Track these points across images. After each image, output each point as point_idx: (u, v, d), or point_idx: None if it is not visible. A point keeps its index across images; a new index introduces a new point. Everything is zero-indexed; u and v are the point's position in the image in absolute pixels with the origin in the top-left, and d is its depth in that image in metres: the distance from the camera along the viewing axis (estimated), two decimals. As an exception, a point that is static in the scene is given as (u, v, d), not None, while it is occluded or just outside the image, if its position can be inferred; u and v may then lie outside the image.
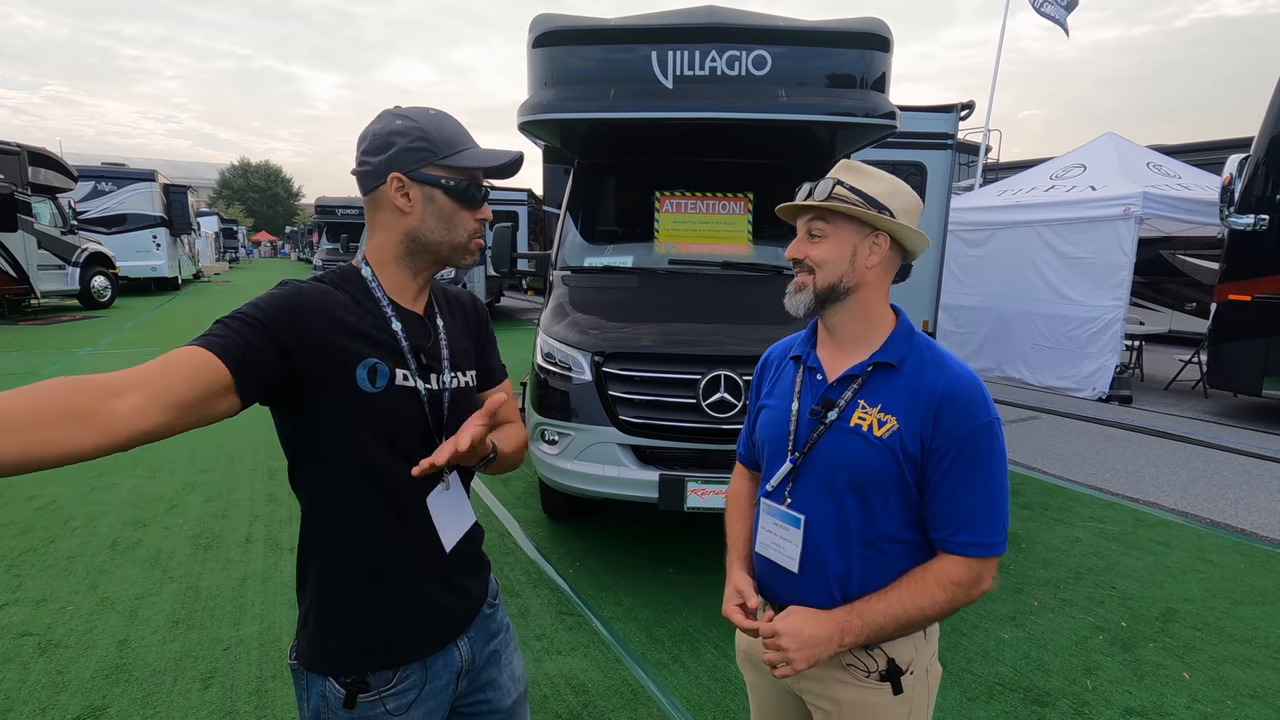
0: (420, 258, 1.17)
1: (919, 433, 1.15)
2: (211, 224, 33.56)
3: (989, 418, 1.15)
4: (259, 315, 1.00)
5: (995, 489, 1.15)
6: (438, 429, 1.18)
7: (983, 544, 1.14)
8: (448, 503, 1.20)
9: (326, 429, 1.09)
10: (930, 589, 1.15)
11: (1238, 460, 5.73)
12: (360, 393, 1.08)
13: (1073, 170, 8.94)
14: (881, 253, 1.21)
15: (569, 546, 3.84)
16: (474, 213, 1.17)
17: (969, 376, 1.18)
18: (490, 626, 1.32)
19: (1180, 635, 3.06)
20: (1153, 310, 11.71)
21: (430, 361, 1.18)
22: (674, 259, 4.19)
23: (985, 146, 13.60)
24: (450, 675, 1.23)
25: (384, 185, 1.11)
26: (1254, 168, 6.70)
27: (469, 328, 1.32)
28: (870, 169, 1.22)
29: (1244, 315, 6.86)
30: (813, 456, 1.23)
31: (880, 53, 3.75)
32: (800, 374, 1.31)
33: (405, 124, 1.11)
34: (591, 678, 2.67)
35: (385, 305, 1.15)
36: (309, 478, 1.14)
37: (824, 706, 1.28)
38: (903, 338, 1.24)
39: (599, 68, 3.78)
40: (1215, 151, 10.50)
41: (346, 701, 1.12)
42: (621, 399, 3.27)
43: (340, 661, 1.13)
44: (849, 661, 1.23)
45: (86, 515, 4.07)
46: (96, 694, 2.50)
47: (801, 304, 1.23)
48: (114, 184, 17.82)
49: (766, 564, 1.31)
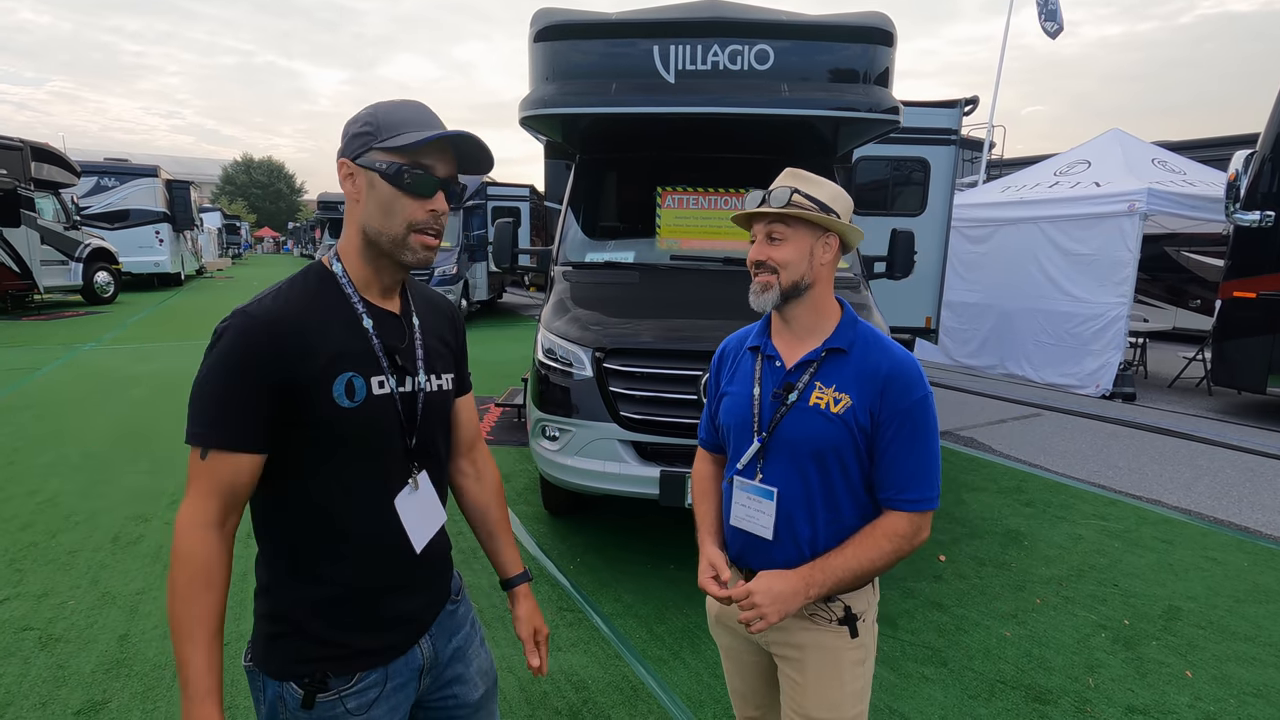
0: (373, 251, 1.11)
1: (869, 407, 1.31)
2: (214, 220, 33.58)
3: (924, 392, 1.32)
4: (238, 371, 1.02)
5: (931, 453, 1.33)
6: (410, 431, 1.16)
7: (921, 499, 1.32)
8: (417, 504, 1.18)
9: (299, 444, 1.07)
10: (879, 542, 1.31)
11: (1242, 458, 5.71)
12: (338, 410, 1.06)
13: (1077, 166, 8.90)
14: (833, 250, 1.37)
15: (569, 543, 3.83)
16: (420, 201, 1.08)
17: (907, 357, 1.35)
18: (452, 623, 1.30)
19: (1183, 633, 3.04)
20: (1157, 307, 11.67)
21: (405, 363, 1.16)
22: (676, 255, 4.17)
23: (989, 143, 13.55)
24: (411, 673, 1.20)
25: (339, 174, 1.10)
26: (1260, 164, 6.65)
27: (446, 333, 1.30)
28: (814, 176, 1.36)
29: (1249, 312, 6.82)
30: (778, 435, 1.37)
31: (883, 47, 3.73)
32: (759, 362, 1.44)
33: (364, 111, 1.09)
34: (592, 674, 2.66)
35: (356, 302, 1.12)
36: (274, 481, 1.10)
37: (790, 654, 1.42)
38: (849, 325, 1.39)
39: (600, 62, 3.76)
40: (1221, 147, 10.44)
41: (305, 702, 1.09)
42: (622, 395, 3.26)
43: (299, 665, 1.10)
44: (812, 612, 1.38)
45: (88, 510, 4.08)
46: (97, 688, 2.50)
47: (769, 302, 1.37)
48: (117, 179, 17.80)
49: (741, 535, 1.44)
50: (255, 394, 1.01)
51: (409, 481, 1.17)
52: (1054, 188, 8.64)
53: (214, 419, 1.02)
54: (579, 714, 2.44)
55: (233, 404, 1.01)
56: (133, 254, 17.29)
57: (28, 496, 4.26)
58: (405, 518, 1.16)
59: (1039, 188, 8.91)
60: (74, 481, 4.52)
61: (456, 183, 1.14)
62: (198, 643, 0.99)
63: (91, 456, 5.01)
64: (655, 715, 2.44)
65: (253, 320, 1.03)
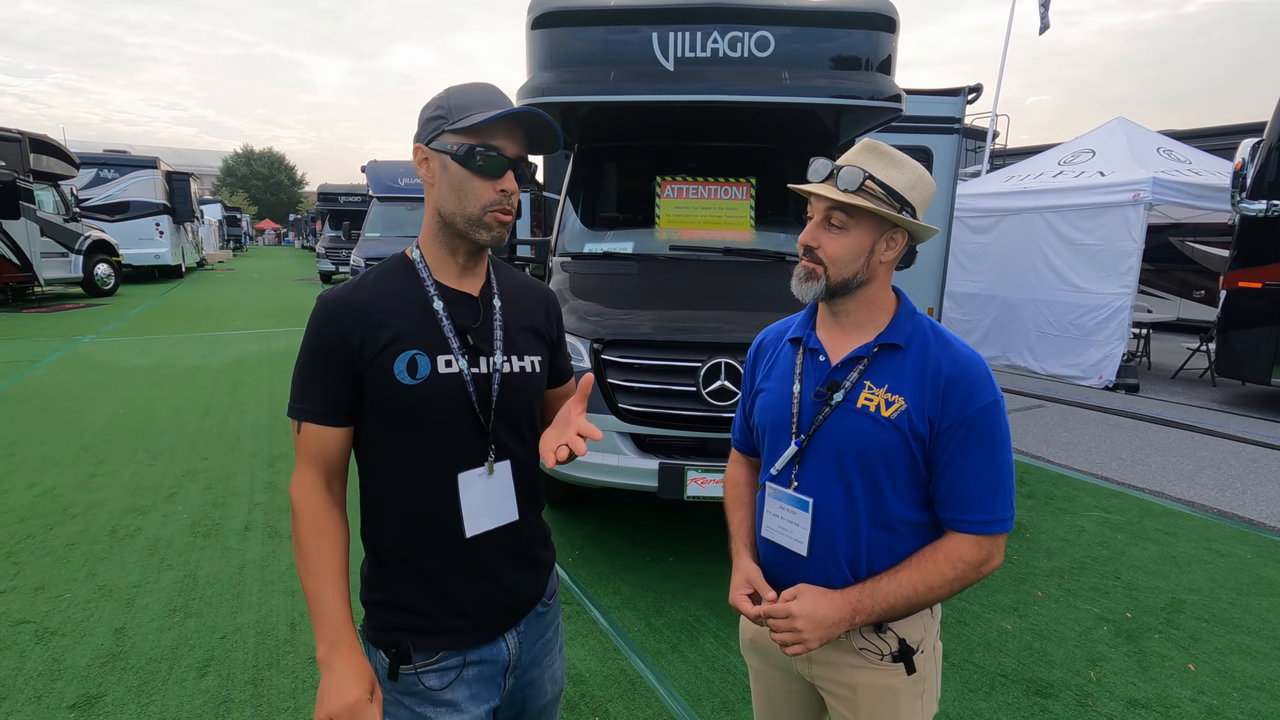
0: (449, 233, 1.14)
1: (928, 413, 1.15)
2: (215, 212, 33.52)
3: (994, 396, 1.15)
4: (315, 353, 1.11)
5: (1002, 466, 1.16)
6: (485, 414, 1.15)
7: (992, 521, 1.15)
8: (485, 488, 1.17)
9: (373, 421, 1.13)
10: (940, 567, 1.16)
11: (1246, 449, 5.67)
12: (399, 387, 1.10)
13: (1081, 156, 8.82)
14: (898, 248, 1.20)
15: (568, 535, 3.81)
16: (490, 181, 1.10)
17: (973, 356, 1.18)
18: (540, 624, 1.29)
19: (1186, 626, 3.02)
20: (1161, 298, 11.60)
21: (479, 343, 1.16)
22: (675, 245, 4.13)
23: (993, 132, 13.44)
24: (496, 667, 1.20)
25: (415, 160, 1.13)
26: (1267, 152, 6.57)
27: (537, 318, 1.28)
28: (896, 154, 1.17)
29: (1254, 302, 6.76)
30: (819, 439, 1.21)
31: (886, 33, 3.67)
32: (800, 355, 1.28)
33: (437, 96, 1.12)
34: (589, 667, 2.65)
35: (429, 285, 1.15)
36: (360, 452, 1.18)
37: (840, 692, 1.27)
38: (906, 318, 1.22)
39: (599, 49, 3.70)
40: (1227, 136, 10.34)
41: (390, 672, 1.14)
42: (621, 387, 3.23)
43: (384, 634, 1.16)
44: (861, 646, 1.23)
45: (86, 503, 4.06)
46: (92, 682, 2.49)
47: (811, 293, 1.21)
48: (116, 171, 17.77)
49: (773, 548, 1.30)
50: (331, 372, 1.10)
51: (484, 465, 1.16)
52: (1058, 177, 8.56)
53: (300, 395, 1.12)
54: (576, 707, 2.42)
55: (312, 381, 1.11)
56: (133, 246, 17.30)
57: (26, 489, 4.25)
58: (465, 496, 1.15)
59: (1043, 177, 8.83)
60: (72, 474, 4.51)
61: (527, 163, 1.15)
62: (325, 580, 1.09)
63: (90, 449, 5.00)
64: (653, 709, 2.42)
65: (324, 305, 1.12)
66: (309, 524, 1.11)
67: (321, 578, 1.08)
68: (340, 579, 1.10)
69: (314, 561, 1.09)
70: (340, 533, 1.13)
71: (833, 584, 1.22)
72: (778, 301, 2.48)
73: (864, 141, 1.20)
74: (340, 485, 1.17)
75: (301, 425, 1.12)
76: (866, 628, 1.23)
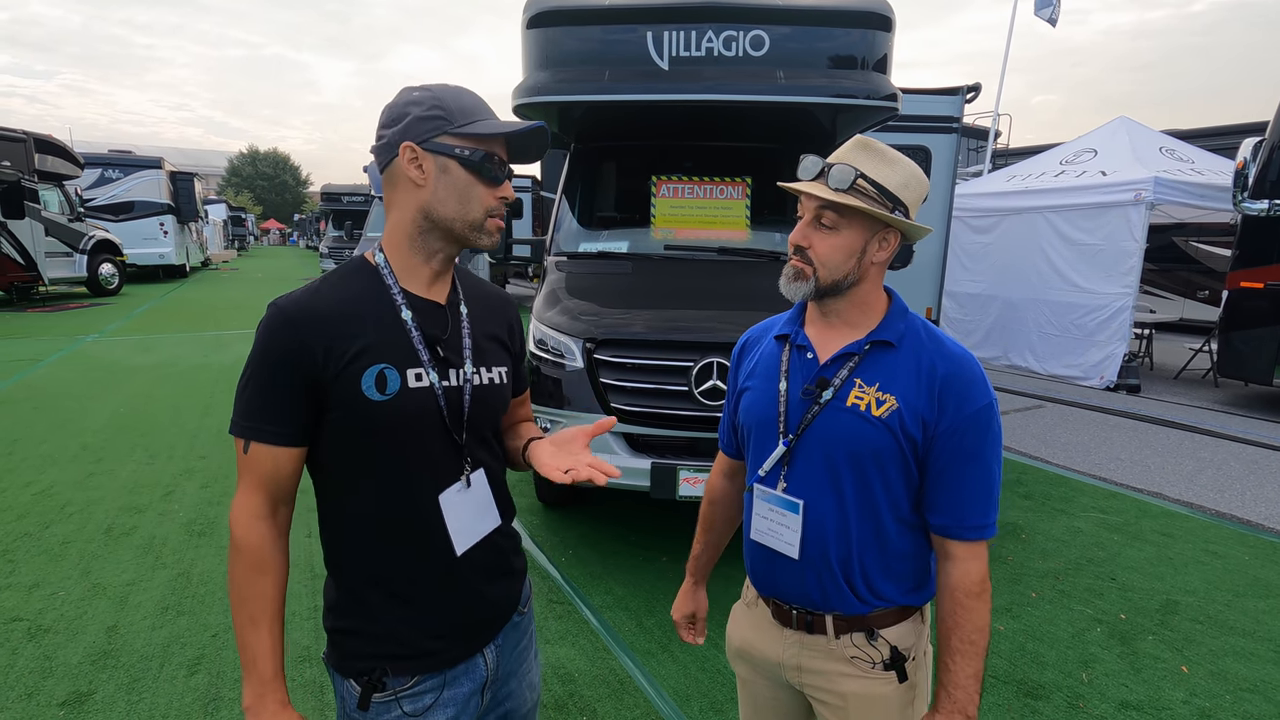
0: (433, 237, 1.09)
1: (921, 414, 1.12)
2: (220, 212, 33.66)
3: (989, 399, 1.13)
4: (272, 365, 1.02)
5: (994, 471, 1.15)
6: (457, 429, 1.11)
7: (985, 526, 1.15)
8: (465, 503, 1.13)
9: (335, 439, 1.06)
10: (966, 603, 1.14)
11: (1246, 450, 5.64)
12: (366, 403, 1.03)
13: (1083, 155, 8.78)
14: (890, 248, 1.17)
15: (562, 535, 3.81)
16: (493, 189, 1.09)
17: (967, 356, 1.16)
18: (516, 634, 1.25)
19: (1180, 628, 3.00)
20: (1165, 298, 11.54)
21: (448, 354, 1.11)
22: (670, 244, 4.13)
23: (994, 131, 13.40)
24: (474, 685, 1.16)
25: (398, 158, 1.05)
26: (1269, 152, 6.53)
27: (499, 327, 1.24)
28: (888, 151, 1.15)
29: (1256, 302, 6.72)
30: (807, 438, 1.18)
31: (882, 32, 3.66)
32: (787, 352, 1.25)
33: (421, 94, 1.06)
34: (579, 667, 2.65)
35: (396, 294, 1.09)
36: (321, 475, 1.11)
37: (830, 701, 1.25)
38: (898, 316, 1.20)
39: (594, 49, 3.70)
40: (1230, 136, 10.27)
41: (360, 702, 1.08)
42: (613, 386, 3.23)
43: (356, 663, 1.10)
44: (853, 654, 1.22)
45: (83, 501, 4.08)
46: (83, 679, 2.50)
47: (799, 293, 1.18)
48: (121, 171, 17.86)
49: (762, 550, 1.27)
50: (285, 388, 1.01)
51: (461, 479, 1.12)
52: (1060, 177, 8.53)
53: (249, 412, 1.03)
54: (564, 707, 2.42)
55: (265, 398, 1.02)
56: (137, 246, 17.38)
57: (24, 487, 4.27)
58: (449, 516, 1.11)
59: (1044, 177, 8.79)
60: (70, 472, 4.53)
61: (513, 172, 1.16)
62: (259, 626, 1.03)
63: (89, 448, 5.02)
64: (641, 709, 2.42)
65: (281, 311, 1.02)
66: (250, 560, 1.04)
67: (257, 623, 1.03)
68: (276, 624, 1.05)
69: (252, 604, 1.03)
70: (281, 571, 1.07)
71: (824, 585, 1.20)
72: (772, 301, 2.47)
73: (856, 139, 1.17)
74: (287, 513, 1.09)
75: (250, 445, 1.03)
76: (858, 635, 1.21)
